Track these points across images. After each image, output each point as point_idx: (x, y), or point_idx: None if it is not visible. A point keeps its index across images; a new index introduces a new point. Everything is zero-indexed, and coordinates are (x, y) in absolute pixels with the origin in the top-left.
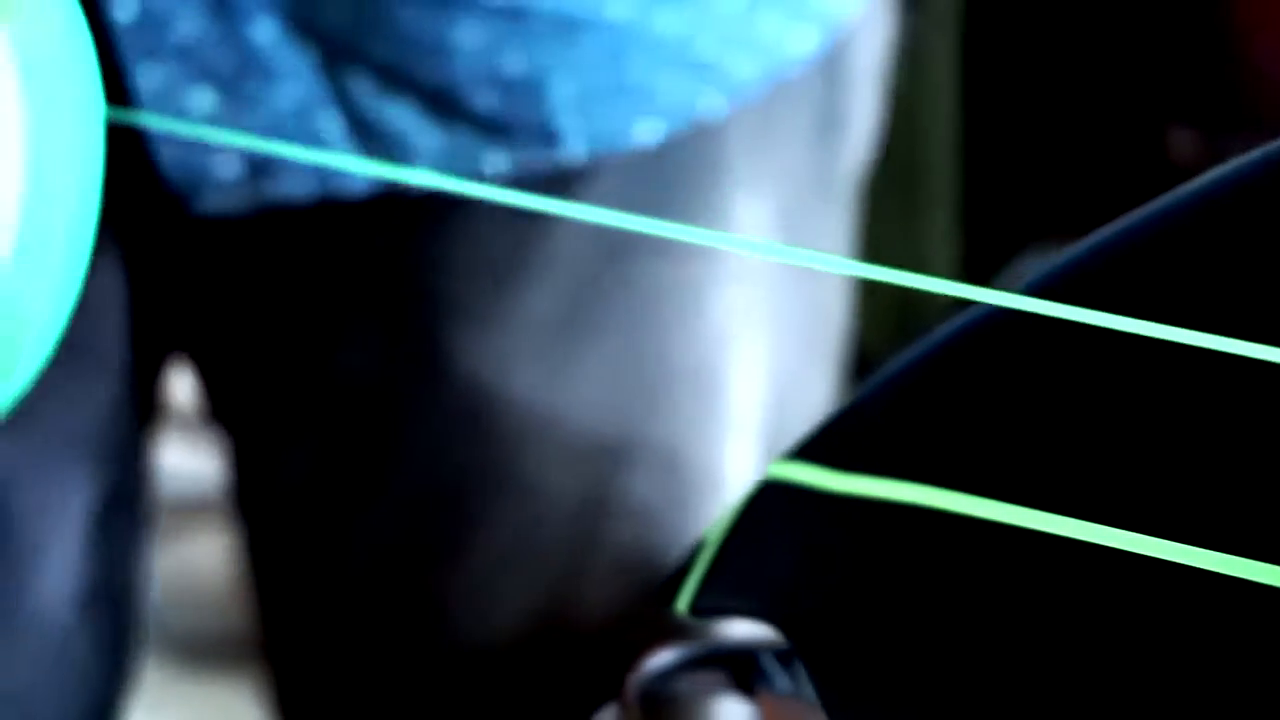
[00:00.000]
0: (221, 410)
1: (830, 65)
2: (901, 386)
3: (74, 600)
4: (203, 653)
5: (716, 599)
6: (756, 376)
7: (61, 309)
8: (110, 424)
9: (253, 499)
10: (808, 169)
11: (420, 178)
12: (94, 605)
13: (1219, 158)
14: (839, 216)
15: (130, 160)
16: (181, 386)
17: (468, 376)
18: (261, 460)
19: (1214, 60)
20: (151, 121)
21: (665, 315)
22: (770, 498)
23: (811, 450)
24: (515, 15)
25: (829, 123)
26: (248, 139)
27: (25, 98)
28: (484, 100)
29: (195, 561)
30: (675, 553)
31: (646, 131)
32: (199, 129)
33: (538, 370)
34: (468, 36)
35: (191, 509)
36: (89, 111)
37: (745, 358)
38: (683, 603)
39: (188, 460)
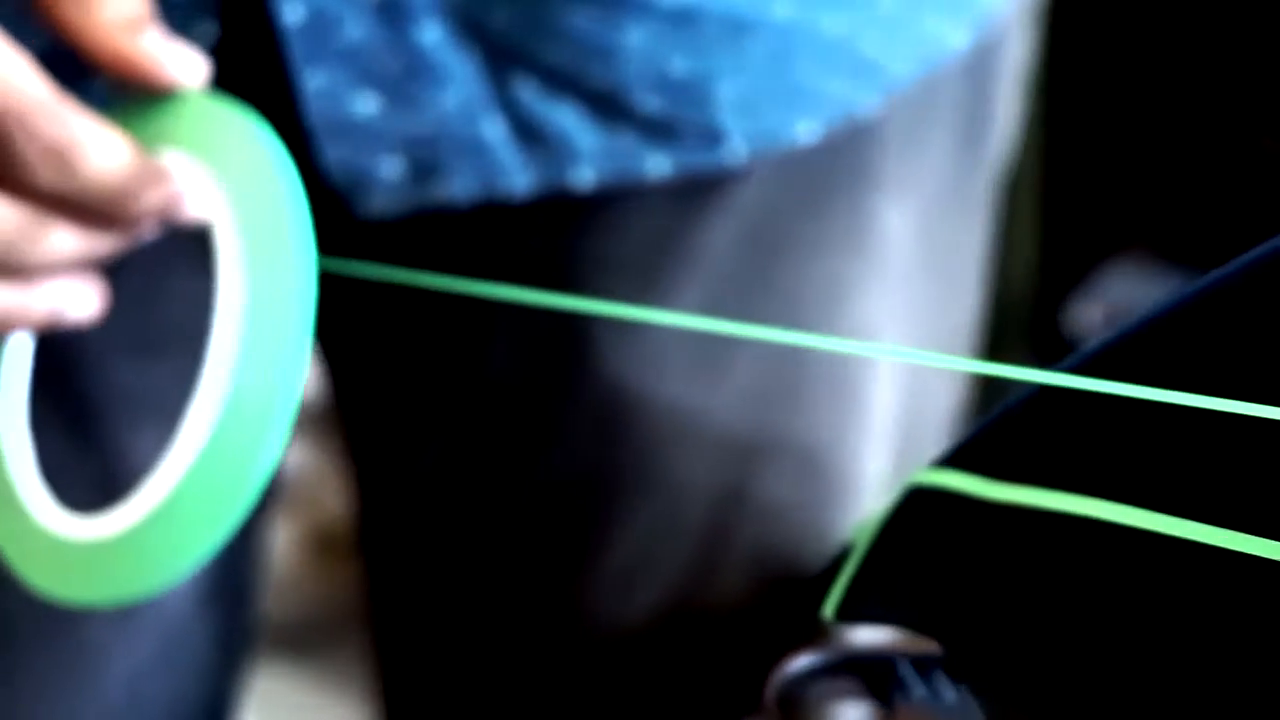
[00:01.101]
0: (354, 405)
1: (978, 66)
2: (1058, 395)
3: (194, 595)
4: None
5: (863, 604)
6: (892, 379)
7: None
8: None
9: (384, 493)
10: (952, 174)
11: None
12: (213, 601)
13: None
14: (977, 222)
15: (295, 160)
16: None
17: (613, 375)
18: (397, 455)
19: None
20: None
21: (809, 315)
22: (919, 504)
23: (962, 457)
24: (684, 18)
25: (974, 126)
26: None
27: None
28: (649, 102)
29: None
30: (809, 552)
31: (806, 131)
32: None
33: (682, 370)
34: (636, 39)
35: None
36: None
37: (885, 362)
38: (829, 607)
39: None
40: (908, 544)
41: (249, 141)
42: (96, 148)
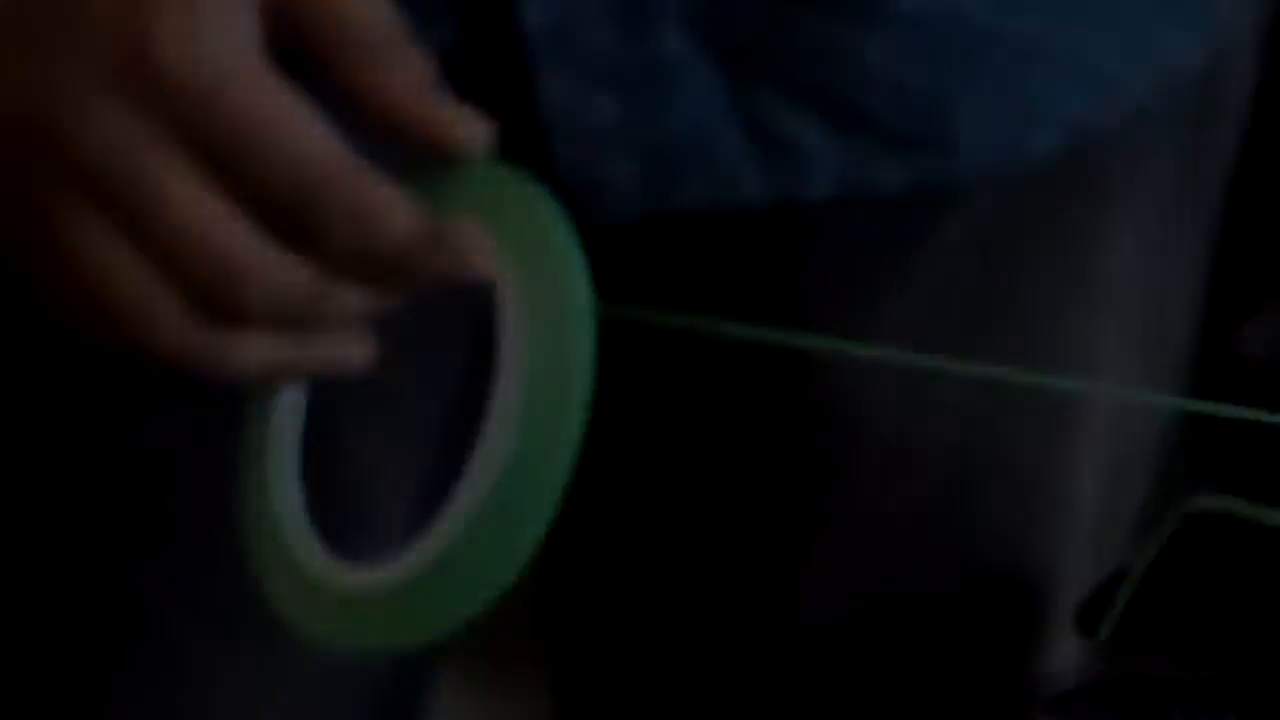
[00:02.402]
0: None
1: (1210, 82)
2: None
3: None
4: None
5: (1138, 628)
6: (1110, 400)
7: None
8: (449, 412)
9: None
10: (1180, 190)
11: None
12: None
13: None
14: (1202, 240)
15: (528, 165)
16: None
17: (829, 389)
18: (598, 460)
19: None
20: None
21: (1030, 331)
22: (1197, 529)
23: (1239, 483)
24: (924, 30)
25: (1203, 143)
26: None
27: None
28: (888, 113)
29: None
30: (1021, 570)
31: (1040, 145)
32: None
33: (896, 386)
34: (876, 51)
35: None
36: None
37: (1103, 381)
38: (1105, 630)
39: None
40: (1186, 569)
41: (531, 205)
42: (392, 212)
